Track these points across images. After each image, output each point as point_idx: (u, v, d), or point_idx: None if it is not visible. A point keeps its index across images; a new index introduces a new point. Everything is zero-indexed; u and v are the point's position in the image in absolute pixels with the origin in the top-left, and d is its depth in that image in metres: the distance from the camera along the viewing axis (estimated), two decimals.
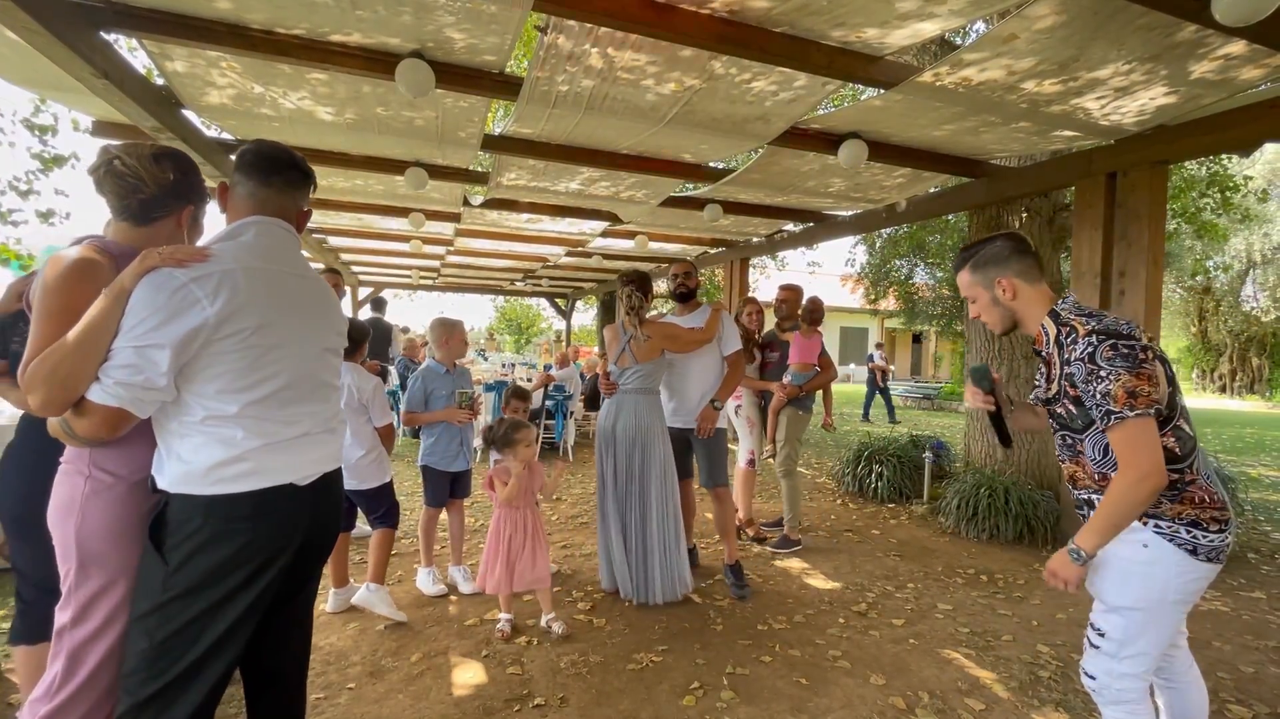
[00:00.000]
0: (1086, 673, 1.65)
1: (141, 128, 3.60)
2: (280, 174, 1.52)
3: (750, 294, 4.53)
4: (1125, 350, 1.44)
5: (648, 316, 3.31)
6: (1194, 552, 1.48)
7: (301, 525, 1.46)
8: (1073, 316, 1.55)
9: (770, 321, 4.64)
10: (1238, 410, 17.13)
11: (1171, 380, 1.50)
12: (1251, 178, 9.08)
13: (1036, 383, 1.75)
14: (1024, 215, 5.05)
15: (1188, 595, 1.52)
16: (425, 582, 3.33)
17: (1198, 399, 21.00)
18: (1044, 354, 1.66)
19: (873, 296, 11.95)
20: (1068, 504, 4.27)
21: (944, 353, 23.82)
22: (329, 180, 5.40)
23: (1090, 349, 1.47)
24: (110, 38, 3.00)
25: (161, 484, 1.34)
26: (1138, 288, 3.84)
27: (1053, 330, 1.59)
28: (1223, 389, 21.88)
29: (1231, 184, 7.68)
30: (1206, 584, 1.53)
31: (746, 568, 3.71)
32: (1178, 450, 1.49)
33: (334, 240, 8.74)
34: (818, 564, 3.91)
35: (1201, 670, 2.64)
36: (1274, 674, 2.67)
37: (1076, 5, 2.39)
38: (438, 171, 4.88)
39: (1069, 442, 1.65)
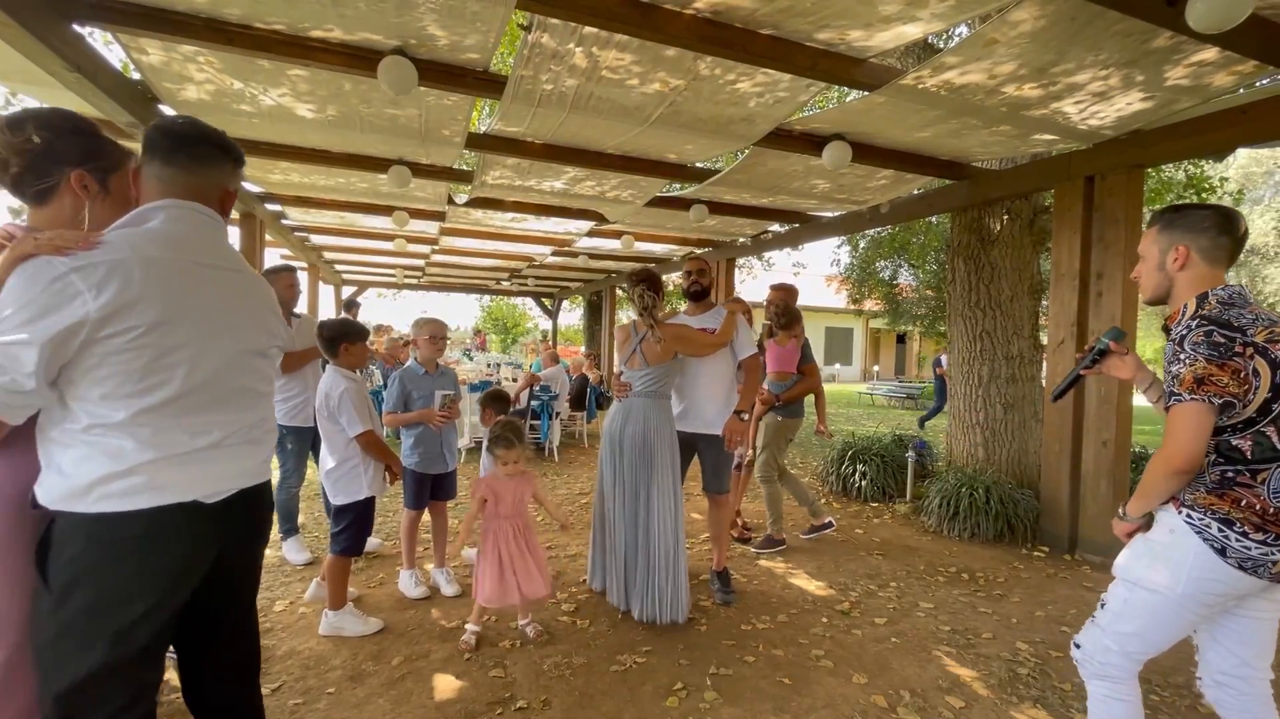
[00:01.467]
0: (1075, 643, 1.68)
1: (116, 123, 3.53)
2: (185, 150, 1.33)
3: (735, 294, 4.51)
4: (1220, 339, 1.41)
5: (659, 317, 3.17)
6: (1222, 552, 1.43)
7: (208, 549, 1.30)
8: (1211, 301, 1.51)
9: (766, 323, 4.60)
10: None
11: (1276, 387, 1.41)
12: (1226, 179, 9.26)
13: None
14: (1005, 218, 5.11)
15: (1204, 595, 1.47)
16: (407, 584, 3.29)
17: None
18: (1172, 332, 1.59)
19: (857, 297, 12.06)
20: (1048, 503, 4.33)
21: (928, 353, 24.06)
22: (310, 178, 5.33)
23: (1185, 332, 1.46)
24: (84, 30, 2.94)
25: (42, 499, 1.18)
26: (1115, 289, 3.90)
27: (1191, 308, 1.55)
28: None
29: (1208, 186, 7.84)
30: (1233, 594, 1.47)
31: (730, 567, 3.72)
32: (1249, 453, 1.44)
33: (316, 238, 8.64)
34: (801, 564, 3.93)
35: (1174, 665, 2.69)
36: None
37: (1055, 10, 2.43)
38: (422, 170, 4.84)
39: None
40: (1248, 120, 3.28)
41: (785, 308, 4.22)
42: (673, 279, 13.79)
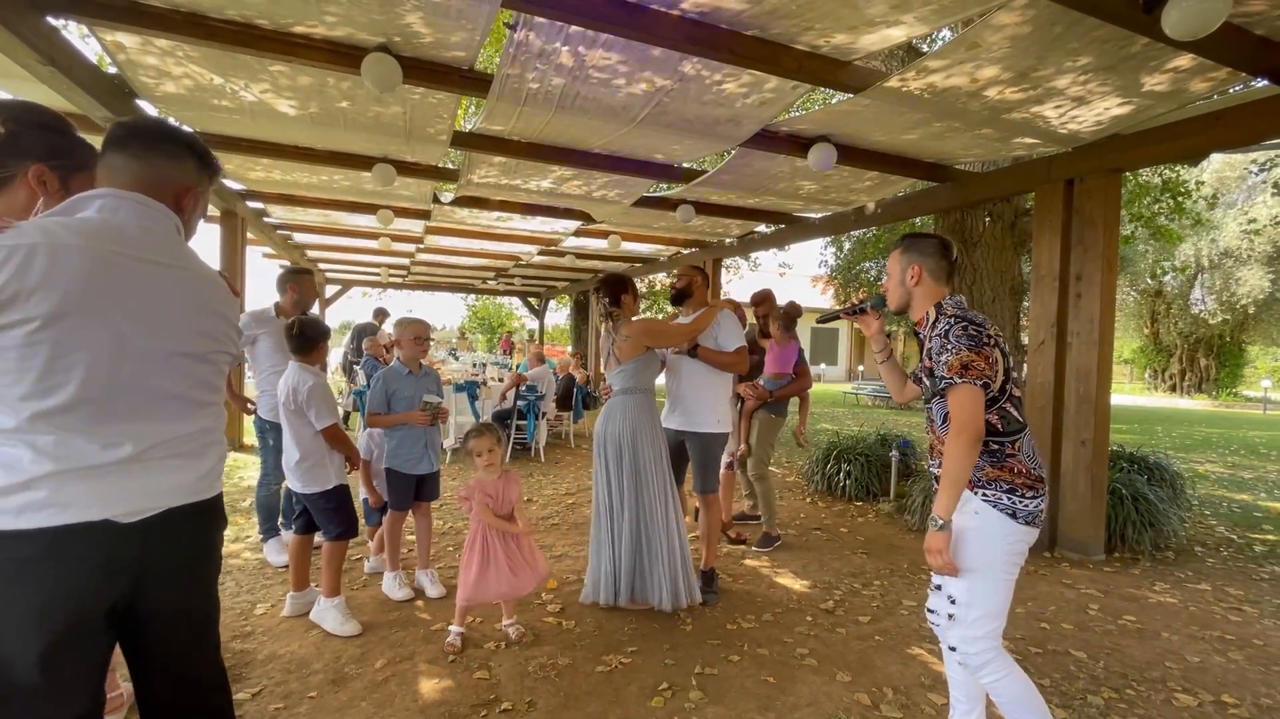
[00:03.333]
0: (949, 646, 1.87)
1: (92, 117, 3.46)
2: (139, 140, 1.26)
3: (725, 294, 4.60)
4: (973, 333, 1.75)
5: (641, 316, 3.25)
6: (1013, 515, 1.75)
7: (121, 576, 1.17)
8: (947, 307, 1.88)
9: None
10: (1187, 409, 17.86)
11: (1007, 371, 1.79)
12: (1202, 183, 9.46)
13: (920, 363, 2.06)
14: (987, 219, 5.18)
15: (1012, 556, 1.77)
16: (391, 586, 3.26)
17: (1150, 398, 21.86)
18: (921, 334, 1.97)
19: (842, 297, 12.15)
20: None
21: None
22: (293, 175, 5.27)
23: (947, 328, 1.80)
24: (58, 23, 2.88)
25: None
26: (1094, 290, 3.97)
27: (932, 316, 1.91)
28: (1173, 388, 22.80)
29: (1182, 190, 8.00)
30: (1027, 547, 1.79)
31: (717, 567, 3.73)
32: (1000, 426, 1.79)
33: (299, 237, 8.54)
34: (787, 563, 3.95)
35: (1149, 660, 2.76)
36: (1218, 663, 2.79)
37: (1037, 16, 2.46)
38: (406, 168, 4.80)
39: (929, 413, 1.96)
40: (1221, 126, 3.35)
41: (787, 310, 4.38)
42: (660, 279, 13.77)
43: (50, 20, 2.76)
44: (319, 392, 2.82)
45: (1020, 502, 1.75)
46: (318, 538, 3.03)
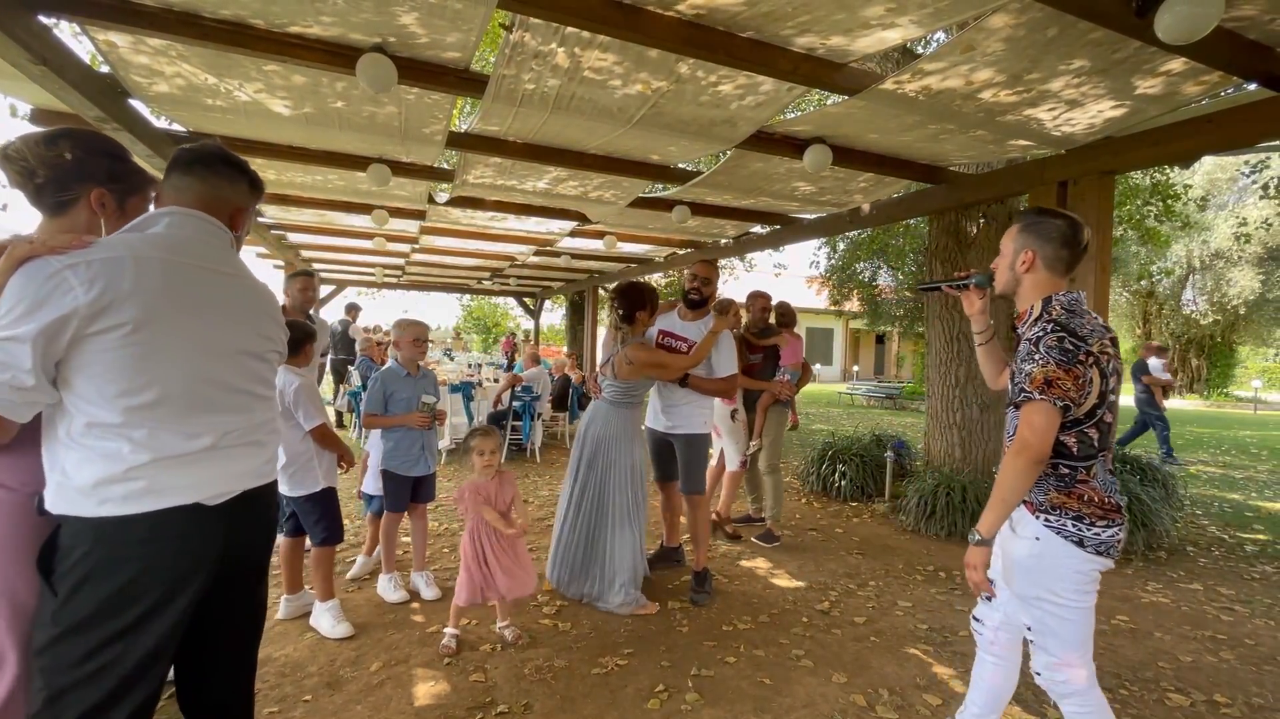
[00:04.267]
0: (1034, 670, 1.74)
1: (85, 117, 3.43)
2: (204, 164, 1.42)
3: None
4: (1068, 347, 1.55)
5: (658, 323, 3.31)
6: (1080, 543, 1.59)
7: (212, 550, 1.32)
8: (1055, 306, 1.66)
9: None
10: (1178, 409, 17.97)
11: (1103, 394, 1.61)
12: (1190, 186, 9.54)
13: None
14: (981, 221, 5.20)
15: (1082, 585, 1.62)
16: (386, 588, 3.25)
17: None
18: (1019, 330, 1.75)
19: (836, 298, 12.18)
20: None
21: (906, 353, 24.40)
22: (287, 175, 5.24)
23: (1041, 334, 1.60)
24: (50, 22, 2.85)
25: (48, 504, 1.21)
26: (1087, 291, 3.98)
27: (1035, 311, 1.71)
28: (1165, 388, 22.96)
29: (1173, 193, 8.06)
30: (1098, 575, 1.64)
31: (713, 568, 3.74)
32: (1075, 450, 1.62)
33: (294, 237, 8.49)
34: (783, 563, 3.96)
35: (1142, 660, 2.77)
36: (1210, 663, 2.81)
37: (1031, 19, 2.47)
38: (401, 168, 4.78)
39: (1008, 416, 1.78)
40: (1213, 129, 3.36)
41: (782, 310, 4.60)
42: (655, 278, 13.76)
43: (42, 19, 2.74)
44: (306, 391, 2.81)
45: (1089, 530, 1.59)
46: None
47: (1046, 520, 1.62)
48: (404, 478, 3.24)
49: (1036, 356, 1.58)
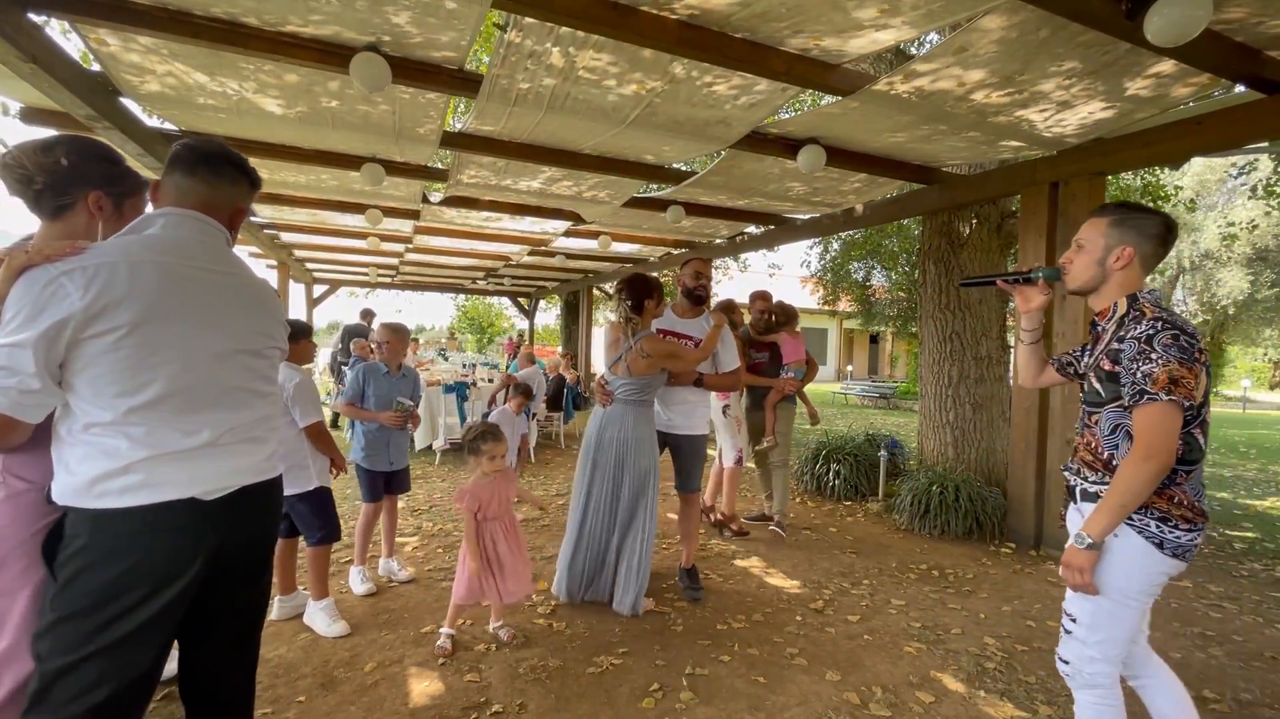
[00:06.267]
0: (1061, 658, 1.71)
1: (75, 115, 3.41)
2: (207, 165, 1.43)
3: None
4: (1185, 344, 1.48)
5: (655, 324, 3.25)
6: (1160, 545, 1.53)
7: (208, 544, 1.34)
8: (1145, 304, 1.60)
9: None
10: None
11: (1207, 394, 1.53)
12: (1181, 188, 9.62)
13: (1073, 351, 1.85)
14: (974, 221, 5.23)
15: (1151, 587, 1.58)
16: (354, 580, 3.33)
17: None
18: (1099, 328, 1.69)
19: (830, 298, 12.21)
20: (1015, 500, 4.45)
21: (900, 353, 24.49)
22: (281, 175, 5.22)
23: (1152, 332, 1.51)
24: (39, 19, 2.83)
25: (54, 496, 1.26)
26: None
27: (1123, 308, 1.62)
28: None
29: (1163, 194, 8.12)
30: (1167, 579, 1.59)
31: (707, 567, 3.75)
32: (1181, 452, 1.53)
33: (287, 236, 8.46)
34: (777, 562, 3.97)
35: None
36: (1199, 659, 2.84)
37: (1023, 21, 2.49)
38: (395, 168, 4.77)
39: (1087, 417, 1.70)
40: (1203, 130, 3.40)
41: (782, 309, 4.67)
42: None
43: (32, 17, 2.72)
44: (304, 389, 2.81)
45: (1170, 532, 1.54)
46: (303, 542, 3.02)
47: (1130, 518, 1.55)
48: (375, 472, 3.37)
49: (1154, 355, 1.47)
